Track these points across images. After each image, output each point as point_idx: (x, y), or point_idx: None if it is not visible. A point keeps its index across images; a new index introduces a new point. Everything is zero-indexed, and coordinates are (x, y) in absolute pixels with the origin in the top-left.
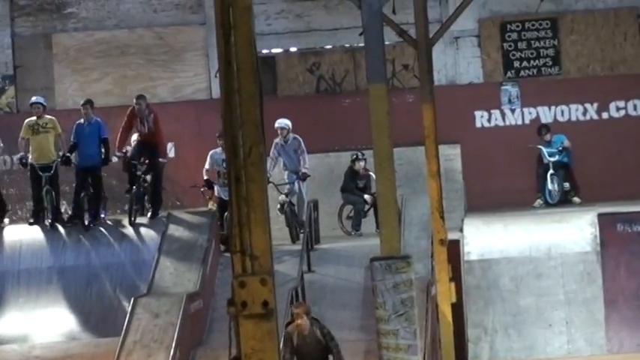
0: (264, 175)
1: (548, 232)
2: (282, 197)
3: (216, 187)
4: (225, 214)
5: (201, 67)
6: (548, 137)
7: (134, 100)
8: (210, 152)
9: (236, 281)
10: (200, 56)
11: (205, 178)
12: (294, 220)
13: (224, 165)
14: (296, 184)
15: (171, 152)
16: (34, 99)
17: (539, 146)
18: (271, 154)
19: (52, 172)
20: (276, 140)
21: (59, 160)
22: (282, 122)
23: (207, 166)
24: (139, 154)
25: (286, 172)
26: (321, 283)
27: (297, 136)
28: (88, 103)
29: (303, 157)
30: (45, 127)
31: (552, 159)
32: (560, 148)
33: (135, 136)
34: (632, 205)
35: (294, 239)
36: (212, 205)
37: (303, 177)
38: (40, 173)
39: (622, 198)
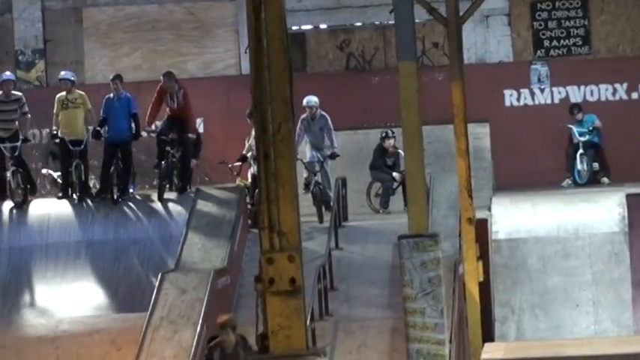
0: (293, 152)
1: (577, 212)
2: (310, 176)
3: (252, 163)
4: (257, 190)
5: (231, 43)
6: (580, 116)
7: (162, 77)
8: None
9: (264, 257)
10: (230, 32)
11: (244, 153)
12: (321, 200)
13: (253, 141)
14: (319, 163)
15: (200, 128)
16: (62, 74)
17: (570, 125)
18: (297, 130)
19: (82, 146)
20: (303, 116)
21: (89, 135)
22: (311, 100)
23: (249, 141)
24: (169, 130)
25: (310, 150)
26: (349, 260)
27: (325, 114)
28: (118, 77)
29: (330, 137)
30: (74, 102)
31: (582, 138)
32: (591, 128)
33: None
34: None
35: (321, 219)
36: (240, 182)
37: (333, 156)
38: (71, 147)
39: None
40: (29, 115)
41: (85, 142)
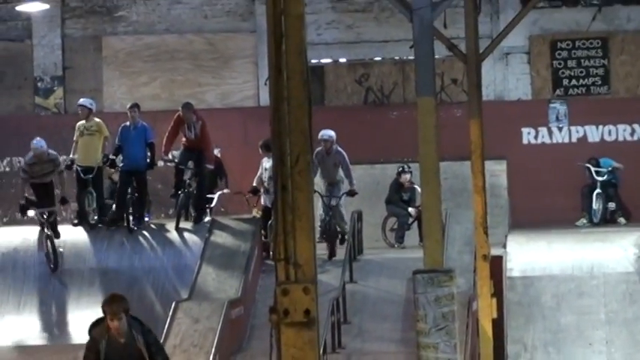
0: (310, 184)
1: (592, 251)
2: (323, 214)
3: (262, 195)
4: (269, 221)
5: (250, 74)
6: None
7: (181, 108)
8: (263, 159)
9: (279, 289)
10: (249, 64)
11: (254, 184)
12: (332, 235)
13: (267, 173)
14: (336, 199)
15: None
16: (80, 101)
17: (587, 165)
18: None
19: (93, 174)
20: (318, 149)
21: (101, 162)
22: (326, 134)
23: (259, 172)
24: (186, 159)
25: (323, 183)
26: (363, 294)
27: (341, 150)
28: (135, 106)
29: (349, 174)
30: (90, 129)
31: (600, 178)
32: (610, 169)
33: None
34: None
35: (331, 255)
36: (256, 213)
37: (352, 194)
38: (83, 176)
39: None
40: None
41: (96, 170)
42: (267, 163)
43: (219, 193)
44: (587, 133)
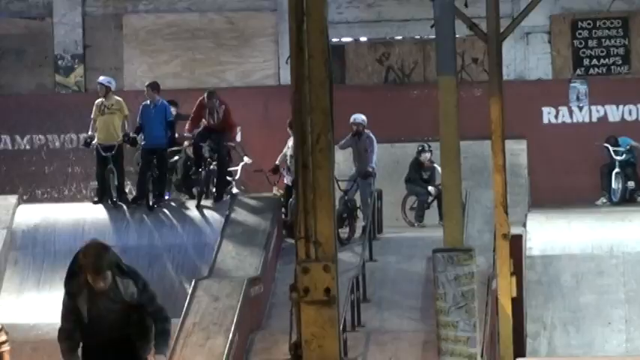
0: (331, 163)
1: (611, 231)
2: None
3: (285, 174)
4: (290, 200)
5: (271, 53)
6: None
7: (205, 95)
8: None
9: (299, 267)
10: (270, 42)
11: (277, 163)
12: (349, 217)
13: (290, 152)
14: (360, 182)
15: (237, 137)
16: (99, 79)
17: (606, 144)
18: (344, 140)
19: (114, 151)
20: (352, 133)
21: (122, 140)
22: (359, 118)
23: (284, 150)
24: (204, 138)
25: (353, 170)
26: (383, 272)
27: (372, 135)
28: (150, 85)
29: (371, 157)
30: (110, 108)
31: (619, 158)
32: (629, 147)
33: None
34: None
35: (342, 241)
36: (277, 191)
37: (365, 175)
38: (103, 153)
39: None
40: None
41: (116, 148)
42: (290, 141)
43: (242, 164)
44: (608, 112)
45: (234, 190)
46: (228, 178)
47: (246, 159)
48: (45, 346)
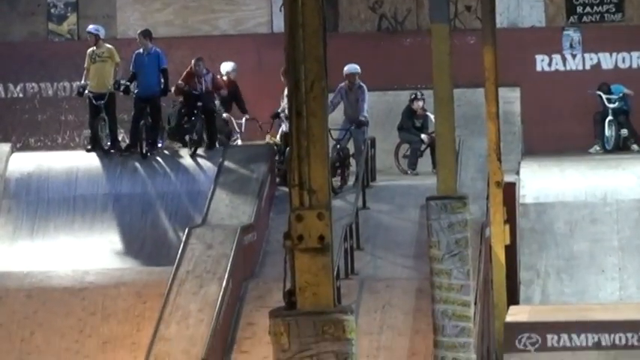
0: (325, 110)
1: (605, 178)
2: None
3: (282, 122)
4: (288, 147)
5: (264, 1)
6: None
7: (192, 62)
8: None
9: (293, 215)
10: None
11: (278, 110)
12: (341, 166)
13: (285, 99)
14: (353, 131)
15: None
16: (89, 28)
17: (599, 92)
18: (332, 98)
19: (105, 100)
20: (342, 85)
21: (113, 88)
22: (353, 68)
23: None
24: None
25: (344, 119)
26: (376, 220)
27: (363, 85)
28: (142, 33)
29: (362, 106)
30: (101, 56)
31: (612, 105)
32: (621, 95)
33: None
34: None
35: (334, 189)
36: (270, 139)
37: (359, 124)
38: (95, 102)
39: None
40: None
41: (107, 96)
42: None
43: (244, 118)
44: (601, 60)
45: (238, 142)
46: (237, 130)
47: (246, 116)
48: (39, 293)
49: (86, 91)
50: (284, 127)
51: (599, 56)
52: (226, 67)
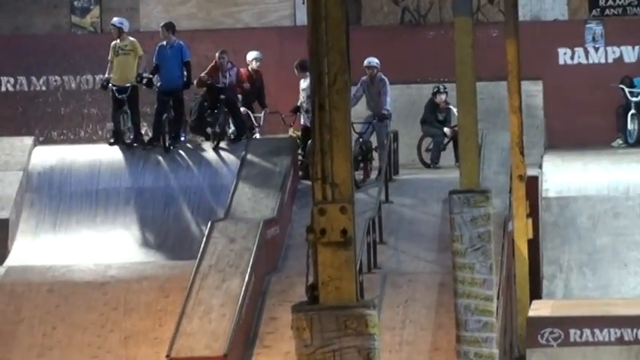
0: (348, 104)
1: (628, 172)
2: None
3: (302, 115)
4: (308, 141)
5: None
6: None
7: (217, 54)
8: (300, 80)
9: (316, 208)
10: None
11: (298, 104)
12: (364, 160)
13: (304, 93)
14: (376, 125)
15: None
16: (113, 20)
17: (621, 85)
18: (354, 91)
19: (128, 93)
20: (364, 78)
21: (136, 81)
22: (373, 61)
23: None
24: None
25: (368, 112)
26: (399, 214)
27: (384, 78)
28: (164, 26)
29: (385, 99)
30: (124, 49)
31: (634, 99)
32: None
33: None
34: None
35: (357, 183)
36: (293, 133)
37: (381, 117)
38: (118, 95)
39: None
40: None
41: (130, 89)
42: (304, 83)
43: (264, 111)
44: (624, 53)
45: (257, 136)
46: (255, 124)
47: (267, 109)
48: (61, 287)
49: (110, 84)
50: (303, 120)
51: (621, 49)
52: (250, 55)
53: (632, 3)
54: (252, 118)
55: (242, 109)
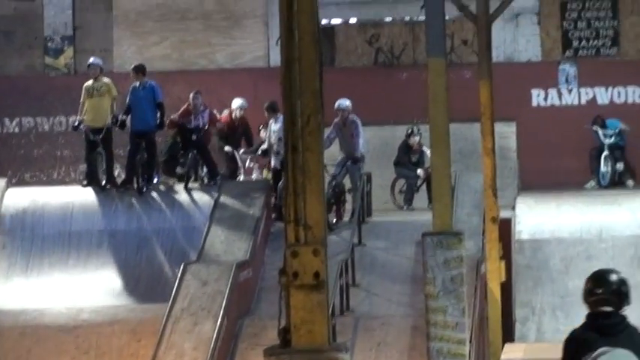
0: (321, 145)
1: (600, 214)
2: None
3: (272, 157)
4: (279, 183)
5: (261, 34)
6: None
7: (190, 95)
8: (270, 121)
9: (288, 251)
10: (259, 24)
11: (265, 146)
12: (337, 202)
13: (275, 135)
14: (349, 167)
15: None
16: (91, 60)
17: (595, 126)
18: (328, 133)
19: (102, 134)
20: (336, 120)
21: (111, 123)
22: (343, 103)
23: (266, 134)
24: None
25: (340, 154)
26: (372, 256)
27: (356, 120)
28: (134, 68)
29: (357, 141)
30: (100, 90)
31: (608, 141)
32: (618, 131)
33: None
34: None
35: (330, 226)
36: (266, 175)
37: (354, 160)
38: (92, 137)
39: None
40: None
41: (105, 131)
42: (274, 125)
43: (254, 153)
44: (597, 94)
45: (241, 178)
46: (240, 165)
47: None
48: (32, 331)
49: (82, 126)
50: (272, 162)
51: (594, 91)
52: (235, 103)
53: (605, 44)
54: (238, 159)
55: (227, 148)
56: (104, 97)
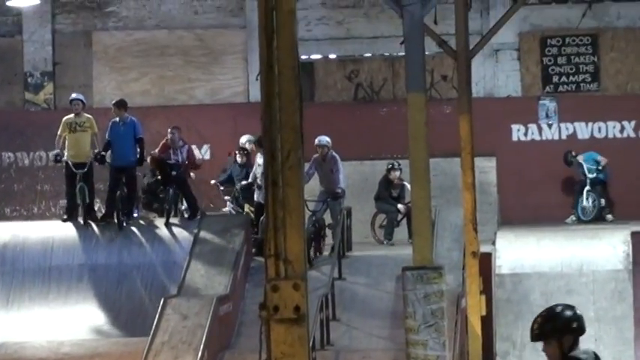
0: (301, 180)
1: (581, 249)
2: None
3: (255, 191)
4: (262, 217)
5: (240, 70)
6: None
7: (169, 130)
8: (257, 155)
9: (269, 285)
10: (239, 59)
11: (249, 180)
12: (316, 238)
13: (260, 169)
14: (330, 202)
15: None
16: (74, 95)
17: (581, 161)
18: (307, 168)
19: (85, 169)
20: (315, 156)
21: (93, 158)
22: (323, 139)
23: (253, 169)
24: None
25: (320, 190)
26: (352, 290)
27: (336, 155)
28: (115, 103)
29: (337, 177)
30: (82, 125)
31: (591, 175)
32: (600, 168)
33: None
34: None
35: (310, 260)
36: (247, 209)
37: (335, 196)
38: (74, 170)
39: None
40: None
41: (88, 166)
42: (260, 159)
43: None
44: (577, 130)
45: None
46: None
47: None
48: None
49: (64, 159)
50: (255, 196)
51: (574, 126)
52: (243, 138)
53: (585, 79)
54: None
55: (213, 182)
56: (87, 132)
